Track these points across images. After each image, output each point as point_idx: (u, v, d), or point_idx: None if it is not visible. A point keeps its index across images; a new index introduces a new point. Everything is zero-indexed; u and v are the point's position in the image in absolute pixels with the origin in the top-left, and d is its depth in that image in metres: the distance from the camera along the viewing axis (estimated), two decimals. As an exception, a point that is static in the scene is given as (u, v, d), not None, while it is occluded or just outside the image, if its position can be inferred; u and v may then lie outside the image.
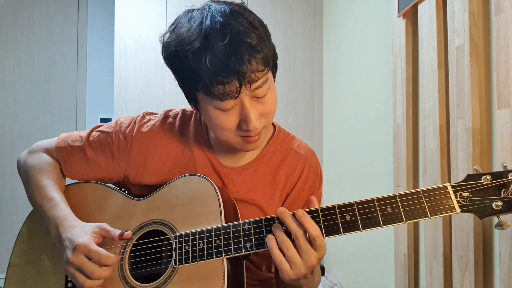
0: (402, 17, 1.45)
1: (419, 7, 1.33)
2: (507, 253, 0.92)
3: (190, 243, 0.78)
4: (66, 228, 0.79)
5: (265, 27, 0.79)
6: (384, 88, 1.66)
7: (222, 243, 0.76)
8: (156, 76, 2.42)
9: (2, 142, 3.04)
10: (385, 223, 0.69)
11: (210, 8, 0.76)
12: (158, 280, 0.78)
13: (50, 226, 0.83)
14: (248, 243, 0.75)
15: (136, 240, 0.84)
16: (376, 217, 0.69)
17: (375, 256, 1.75)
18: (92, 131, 0.95)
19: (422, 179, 1.34)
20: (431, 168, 1.24)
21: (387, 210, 0.69)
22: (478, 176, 0.68)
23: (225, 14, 0.73)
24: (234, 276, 0.78)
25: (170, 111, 0.97)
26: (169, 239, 0.81)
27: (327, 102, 2.48)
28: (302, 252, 0.69)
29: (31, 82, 3.08)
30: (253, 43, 0.72)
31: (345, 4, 2.19)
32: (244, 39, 0.71)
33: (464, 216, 1.06)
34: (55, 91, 3.10)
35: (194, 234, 0.79)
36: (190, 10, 0.79)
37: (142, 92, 2.43)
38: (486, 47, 1.05)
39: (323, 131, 2.52)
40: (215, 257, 0.76)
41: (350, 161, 2.07)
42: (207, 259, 0.76)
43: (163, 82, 2.43)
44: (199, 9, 0.78)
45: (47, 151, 0.95)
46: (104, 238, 0.79)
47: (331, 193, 2.27)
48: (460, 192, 0.68)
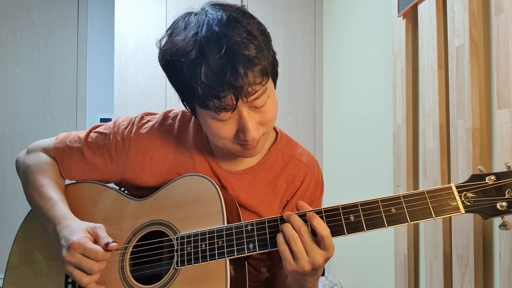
0: (402, 17, 1.45)
1: (419, 7, 1.33)
2: (507, 253, 0.92)
3: (192, 244, 0.77)
4: (63, 227, 0.79)
5: (265, 33, 0.75)
6: (384, 88, 1.66)
7: (225, 244, 0.75)
8: (156, 76, 2.41)
9: (2, 142, 3.04)
10: (389, 223, 0.69)
11: (207, 14, 0.73)
12: (159, 282, 0.78)
13: (48, 225, 0.83)
14: (251, 244, 0.74)
15: (137, 241, 0.83)
16: (380, 217, 0.69)
17: (375, 256, 1.75)
18: (91, 132, 0.94)
19: (422, 179, 1.34)
20: (431, 168, 1.24)
21: (391, 210, 0.69)
22: (482, 176, 0.68)
23: (221, 23, 0.70)
24: (237, 277, 0.78)
25: (169, 112, 0.95)
26: (170, 240, 0.81)
27: (327, 102, 2.48)
28: (307, 249, 0.68)
29: (31, 82, 3.08)
30: (250, 55, 0.69)
31: (345, 4, 2.19)
32: (240, 51, 0.68)
33: (464, 216, 1.06)
34: (55, 91, 3.10)
35: (196, 235, 0.78)
36: (188, 14, 0.77)
37: (142, 92, 2.43)
38: (486, 47, 1.05)
39: (323, 131, 2.52)
40: (218, 258, 0.75)
41: (350, 161, 2.07)
42: (209, 260, 0.75)
43: (163, 82, 2.42)
44: (196, 14, 0.75)
45: (46, 150, 0.94)
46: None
47: (331, 193, 2.27)
48: (464, 192, 0.68)
